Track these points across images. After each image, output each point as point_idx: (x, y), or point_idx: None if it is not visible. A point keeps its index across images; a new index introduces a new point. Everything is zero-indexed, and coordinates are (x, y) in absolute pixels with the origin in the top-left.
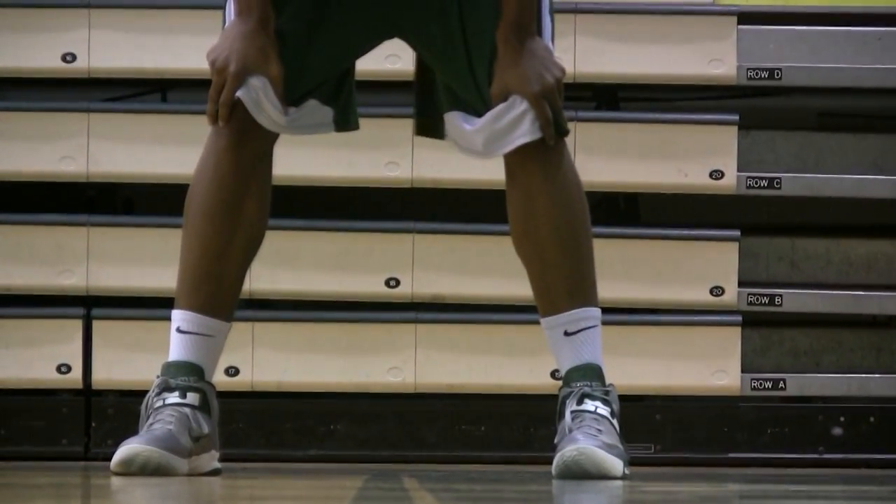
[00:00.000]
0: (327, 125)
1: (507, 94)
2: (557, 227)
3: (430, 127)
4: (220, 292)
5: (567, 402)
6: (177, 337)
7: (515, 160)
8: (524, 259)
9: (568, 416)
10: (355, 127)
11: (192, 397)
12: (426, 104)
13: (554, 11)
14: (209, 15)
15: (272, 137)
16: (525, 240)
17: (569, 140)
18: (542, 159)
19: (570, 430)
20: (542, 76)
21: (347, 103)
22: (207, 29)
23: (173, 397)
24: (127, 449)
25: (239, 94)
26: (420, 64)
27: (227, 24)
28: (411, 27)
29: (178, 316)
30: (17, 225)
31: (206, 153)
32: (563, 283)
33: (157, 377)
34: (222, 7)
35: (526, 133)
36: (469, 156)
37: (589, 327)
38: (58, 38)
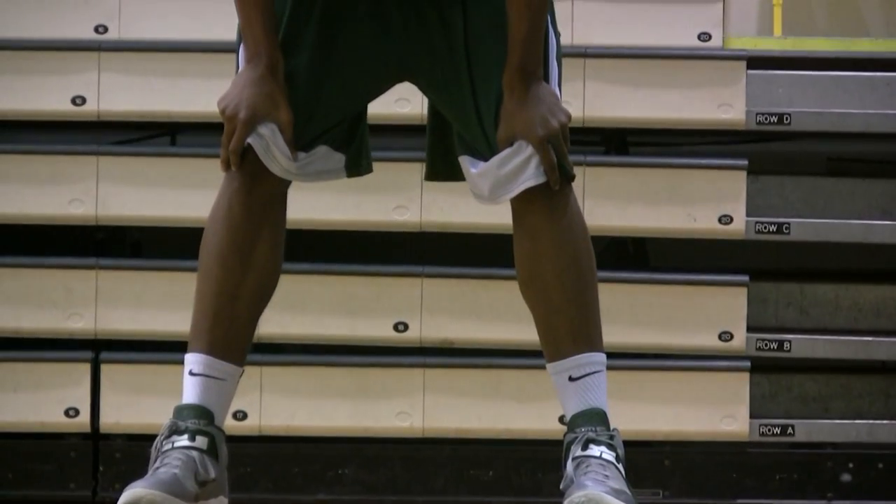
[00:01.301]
0: (338, 171)
1: (513, 139)
2: (562, 271)
3: (443, 172)
4: (231, 335)
5: (572, 447)
6: (189, 380)
7: (521, 204)
8: (530, 304)
9: (573, 461)
10: (368, 171)
11: (201, 441)
12: (441, 148)
13: (562, 56)
14: (218, 58)
15: (285, 182)
16: (530, 284)
17: (577, 184)
18: (547, 203)
19: (577, 476)
20: (548, 121)
21: (360, 149)
22: (216, 72)
23: (182, 440)
24: (131, 493)
25: (249, 140)
26: (433, 109)
27: (238, 69)
28: (419, 71)
29: (191, 359)
30: (26, 268)
31: (220, 197)
32: (568, 329)
33: (169, 420)
34: (233, 51)
35: (531, 177)
36: (477, 200)
37: (594, 372)
38: (67, 81)
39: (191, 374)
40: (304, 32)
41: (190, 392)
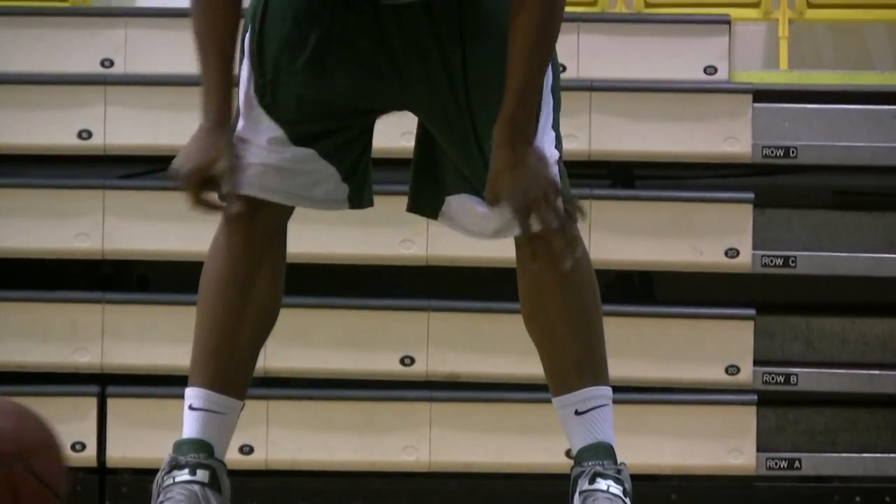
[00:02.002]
0: (342, 202)
1: (498, 201)
2: (566, 306)
3: (424, 205)
4: (231, 369)
5: (579, 481)
6: (188, 414)
7: (524, 240)
8: (535, 338)
9: (581, 495)
10: (369, 204)
11: (202, 474)
12: (425, 182)
13: (569, 89)
14: None
15: (285, 214)
16: (535, 319)
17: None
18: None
19: None
20: (529, 189)
21: (363, 181)
22: None
23: (183, 475)
24: None
25: (242, 190)
26: (422, 142)
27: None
28: (420, 104)
29: (190, 393)
30: (32, 302)
31: (219, 230)
32: (573, 362)
33: (168, 455)
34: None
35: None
36: (473, 237)
37: (600, 406)
38: (73, 115)
39: (191, 408)
40: (304, 49)
41: (190, 426)
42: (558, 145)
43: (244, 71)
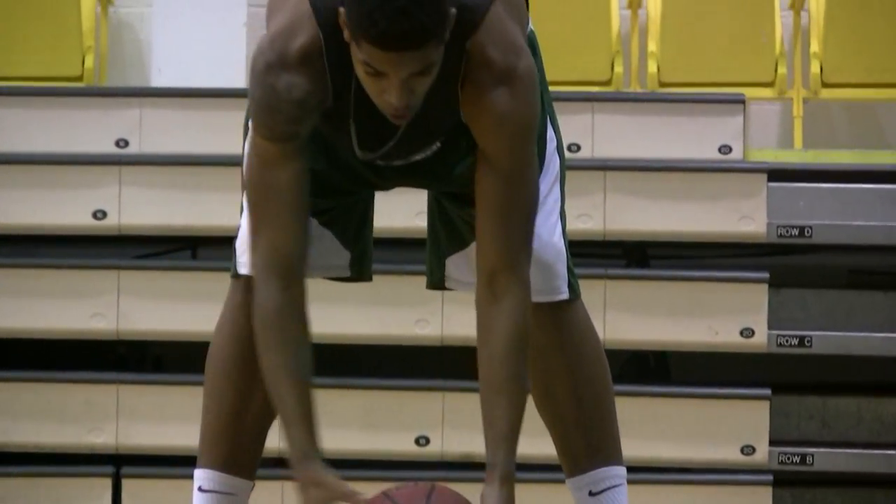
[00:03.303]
0: (343, 269)
1: None
2: (576, 388)
3: (435, 277)
4: (239, 450)
5: None
6: (198, 496)
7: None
8: (545, 419)
9: None
10: (368, 278)
11: None
12: (433, 252)
13: (583, 168)
14: (238, 172)
15: None
16: (545, 401)
17: (598, 297)
18: (555, 319)
19: None
20: None
21: (364, 251)
22: (237, 185)
23: None
24: None
25: (244, 271)
26: (429, 214)
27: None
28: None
29: (199, 475)
30: (47, 382)
31: (224, 309)
32: (585, 443)
33: None
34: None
35: (538, 293)
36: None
37: (614, 486)
38: (88, 195)
39: (200, 490)
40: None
41: None
42: (563, 230)
43: (248, 147)
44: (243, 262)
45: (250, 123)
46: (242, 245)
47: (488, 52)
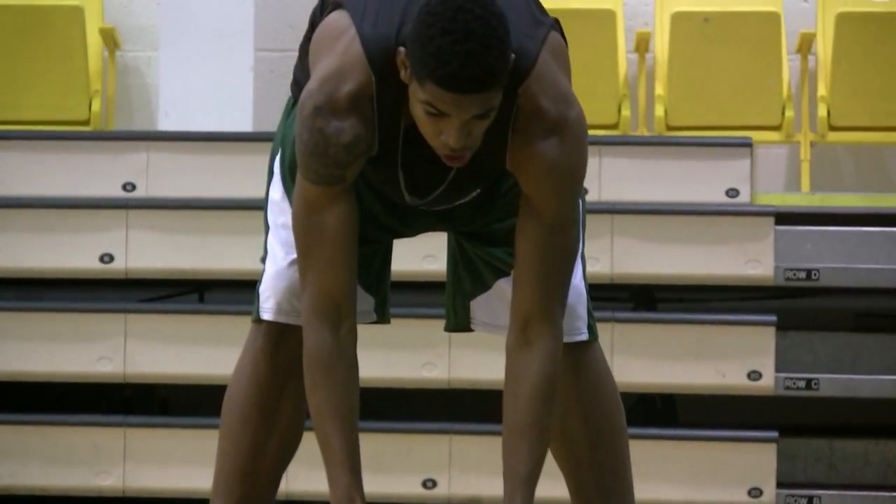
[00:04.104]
0: (368, 313)
1: None
2: (591, 430)
3: (458, 320)
4: (254, 493)
5: None
6: None
7: None
8: (559, 460)
9: None
10: (388, 321)
11: None
12: (460, 299)
13: (591, 212)
14: (246, 215)
15: None
16: (559, 442)
17: (606, 340)
18: (573, 360)
19: None
20: None
21: (385, 294)
22: (244, 229)
23: None
24: None
25: (267, 316)
26: (450, 259)
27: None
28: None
29: None
30: (55, 425)
31: (244, 353)
32: (598, 485)
33: None
34: (259, 208)
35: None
36: (500, 333)
37: None
38: (95, 239)
39: None
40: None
41: None
42: (584, 272)
43: (276, 192)
44: (267, 307)
45: (297, 168)
46: (267, 290)
47: (539, 102)
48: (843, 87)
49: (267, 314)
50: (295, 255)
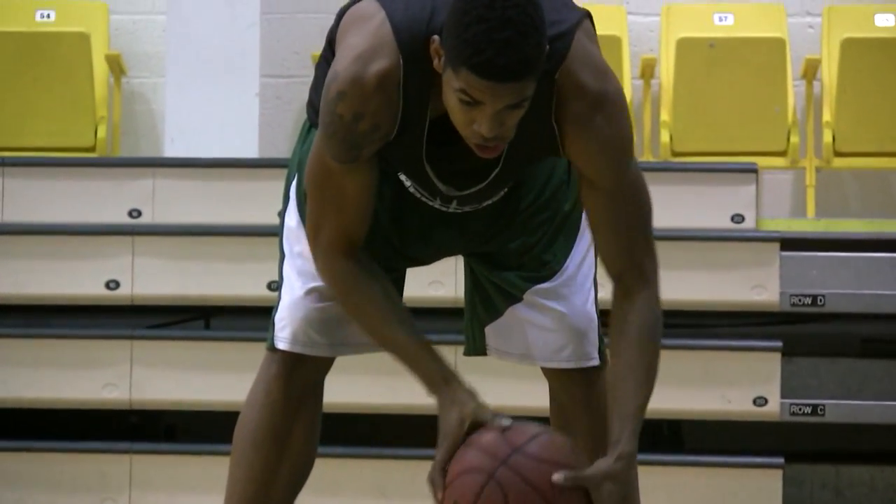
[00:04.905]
0: None
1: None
2: (598, 452)
3: (481, 347)
4: None
5: None
6: None
7: (557, 383)
8: None
9: None
10: None
11: None
12: (477, 324)
13: None
14: (251, 242)
15: (324, 368)
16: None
17: None
18: (583, 382)
19: None
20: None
21: None
22: (250, 255)
23: None
24: None
25: (282, 346)
26: (469, 286)
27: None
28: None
29: None
30: (60, 452)
31: (258, 380)
32: None
33: None
34: (264, 234)
35: (570, 358)
36: (514, 360)
37: None
38: (101, 265)
39: None
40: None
41: None
42: (595, 297)
43: (291, 218)
44: (282, 336)
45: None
46: (283, 319)
47: (579, 78)
48: (849, 113)
49: (282, 343)
50: (312, 284)
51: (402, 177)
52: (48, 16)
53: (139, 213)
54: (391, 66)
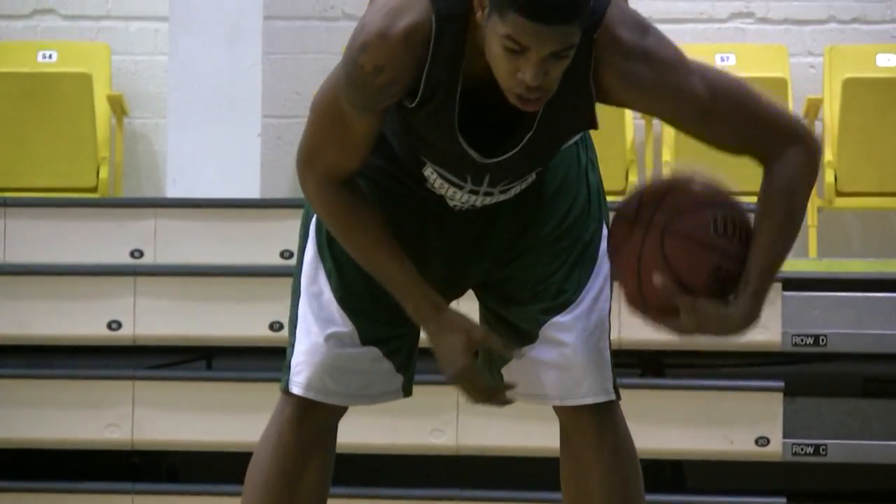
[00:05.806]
0: (396, 393)
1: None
2: (609, 495)
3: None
4: None
5: None
6: None
7: (570, 422)
8: None
9: None
10: (410, 394)
11: None
12: (495, 364)
13: None
14: (253, 282)
15: (338, 413)
16: (575, 500)
17: None
18: (596, 418)
19: None
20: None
21: (413, 373)
22: (252, 296)
23: None
24: None
25: (296, 391)
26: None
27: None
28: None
29: None
30: (62, 493)
31: (271, 422)
32: None
33: None
34: (267, 275)
35: (587, 394)
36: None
37: None
38: (103, 306)
39: None
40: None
41: None
42: (608, 333)
43: (310, 254)
44: (297, 381)
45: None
46: (299, 364)
47: (616, 32)
48: (850, 153)
49: (297, 388)
50: (331, 330)
51: (428, 170)
52: (50, 56)
53: (141, 254)
54: (421, 22)
